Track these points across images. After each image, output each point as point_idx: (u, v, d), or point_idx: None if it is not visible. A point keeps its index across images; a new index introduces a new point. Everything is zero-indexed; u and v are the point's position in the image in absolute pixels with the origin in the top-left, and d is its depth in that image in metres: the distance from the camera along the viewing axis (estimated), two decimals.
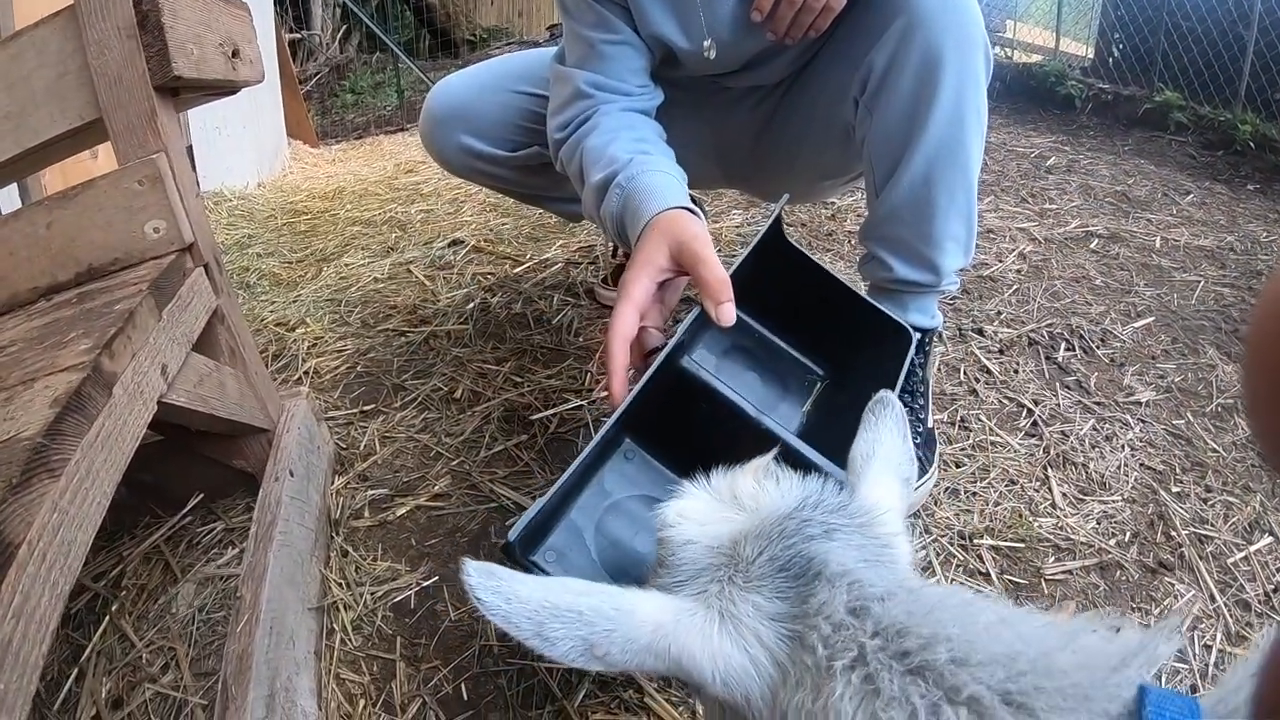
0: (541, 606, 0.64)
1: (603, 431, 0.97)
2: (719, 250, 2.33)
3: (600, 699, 1.13)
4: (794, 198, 2.14)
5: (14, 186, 2.18)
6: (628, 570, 1.06)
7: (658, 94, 1.57)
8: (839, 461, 0.97)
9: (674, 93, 1.67)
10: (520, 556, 0.92)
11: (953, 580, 1.31)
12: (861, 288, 1.51)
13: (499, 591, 0.64)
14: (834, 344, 1.31)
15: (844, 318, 1.29)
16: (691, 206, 1.24)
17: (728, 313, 1.07)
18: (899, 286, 1.54)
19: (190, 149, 3.12)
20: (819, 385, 1.31)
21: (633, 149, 1.37)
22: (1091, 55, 5.45)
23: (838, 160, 1.67)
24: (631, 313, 1.09)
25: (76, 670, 1.21)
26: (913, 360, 1.52)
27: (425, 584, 1.33)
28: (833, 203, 2.86)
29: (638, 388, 0.99)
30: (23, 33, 1.19)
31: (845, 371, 1.32)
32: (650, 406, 1.04)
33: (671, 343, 1.03)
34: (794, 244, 1.33)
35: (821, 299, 1.29)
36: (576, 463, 0.96)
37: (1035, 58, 5.71)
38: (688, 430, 1.12)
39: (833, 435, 1.02)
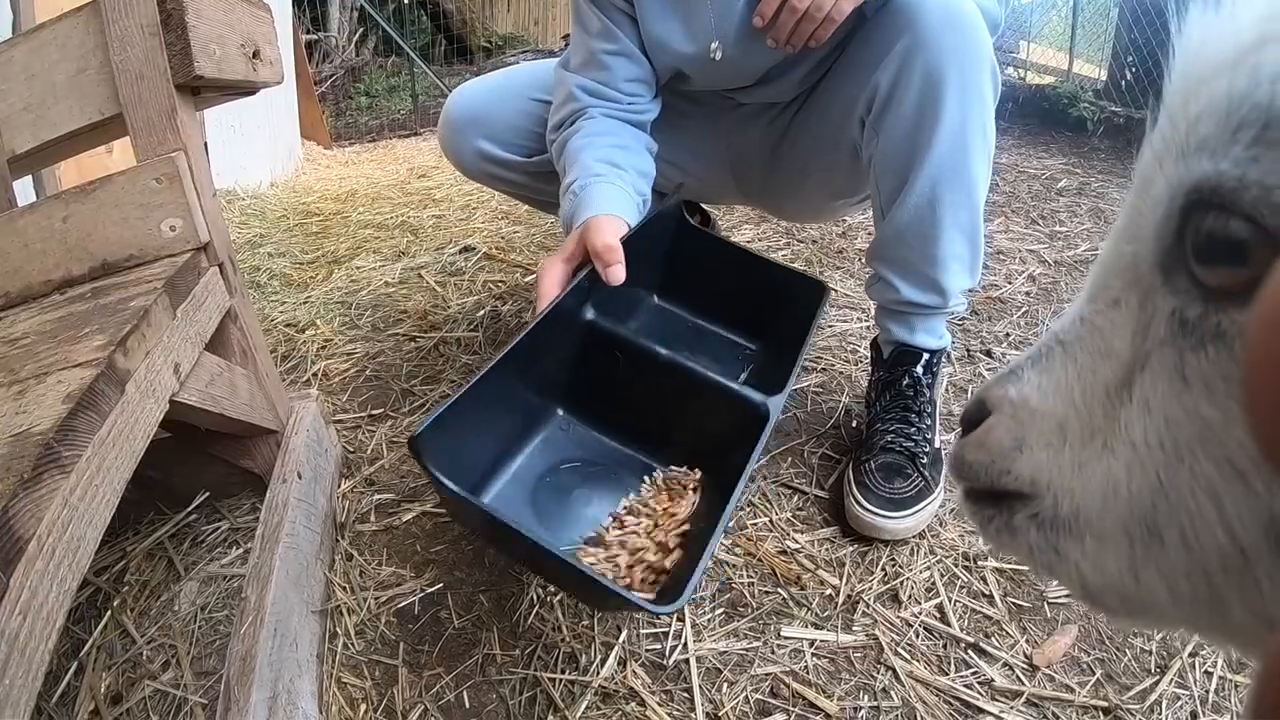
0: None
1: (529, 326, 1.10)
2: None
3: (602, 710, 1.13)
4: (807, 216, 2.15)
5: (29, 179, 2.18)
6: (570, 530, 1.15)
7: (651, 107, 1.60)
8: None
9: (691, 108, 1.68)
10: (423, 457, 0.91)
11: (955, 601, 1.31)
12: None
13: None
14: (761, 316, 1.43)
15: (763, 287, 1.42)
16: (621, 214, 1.32)
17: (615, 274, 1.21)
18: (905, 308, 1.54)
19: (205, 146, 3.14)
20: (750, 360, 1.42)
21: (603, 156, 1.44)
22: (1105, 78, 5.45)
23: (848, 180, 1.67)
24: (553, 288, 1.21)
25: (76, 664, 1.21)
26: (920, 380, 1.54)
27: (429, 590, 1.33)
28: (844, 220, 2.86)
29: (555, 299, 1.14)
30: (45, 26, 1.20)
31: (773, 337, 1.43)
32: (577, 374, 1.17)
33: (578, 278, 1.18)
34: (699, 227, 1.44)
35: (743, 276, 1.44)
36: (498, 358, 1.04)
37: (1048, 79, 5.72)
38: (616, 394, 1.21)
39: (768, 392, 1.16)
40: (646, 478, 1.24)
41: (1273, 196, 0.31)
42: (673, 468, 1.25)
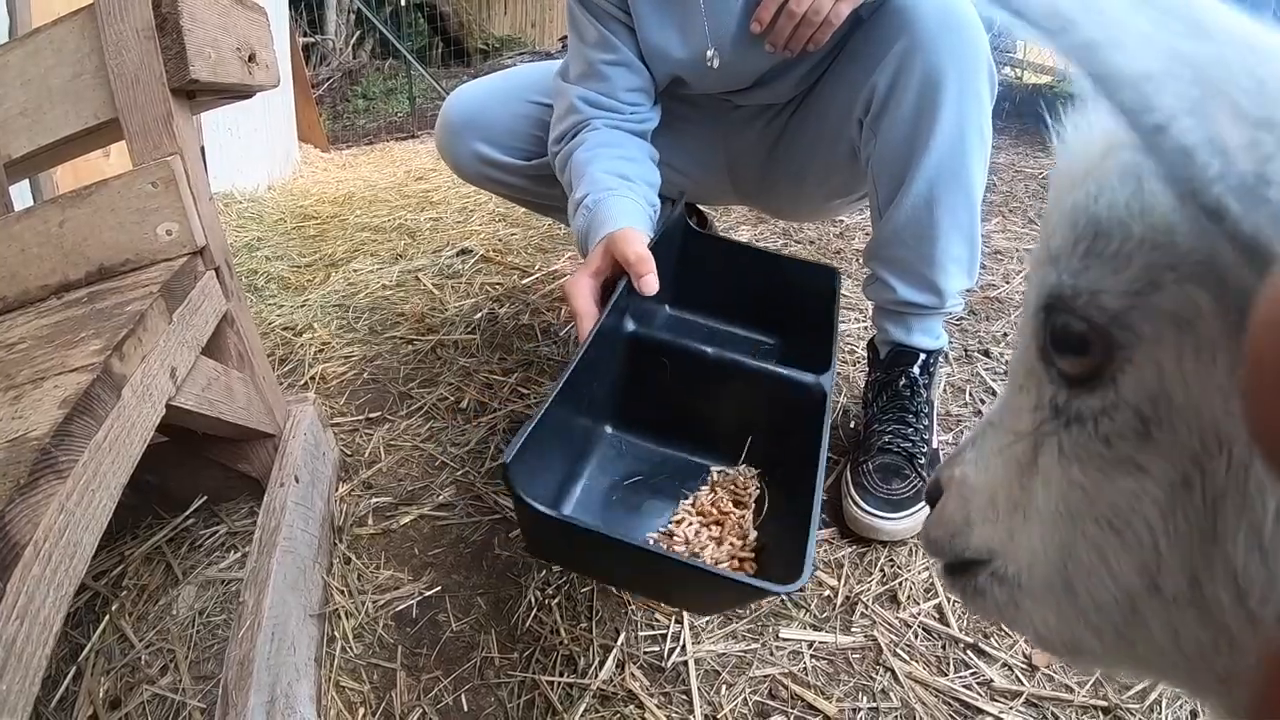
0: None
1: (582, 347, 1.09)
2: None
3: (600, 713, 1.13)
4: (804, 216, 2.15)
5: (25, 183, 2.18)
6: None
7: (652, 116, 1.61)
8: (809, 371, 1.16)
9: (687, 110, 1.68)
10: (514, 485, 0.88)
11: (954, 602, 1.31)
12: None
13: None
14: (775, 310, 1.46)
15: (774, 282, 1.45)
16: (641, 227, 1.32)
17: (649, 283, 1.21)
18: (902, 308, 1.54)
19: (202, 150, 3.13)
20: (772, 354, 1.43)
21: (612, 169, 1.44)
22: None
23: (845, 180, 1.67)
24: (588, 305, 1.22)
25: (74, 669, 1.21)
26: (917, 380, 1.54)
27: (427, 594, 1.33)
28: (841, 220, 2.86)
29: (605, 312, 1.14)
30: (41, 30, 1.20)
31: (790, 328, 1.46)
32: (622, 389, 1.17)
33: (617, 292, 1.17)
34: (704, 231, 1.47)
35: (752, 274, 1.46)
36: (562, 379, 1.03)
37: (1046, 78, 5.72)
38: (662, 402, 1.21)
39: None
40: (705, 480, 1.24)
41: (1099, 300, 0.37)
42: (727, 469, 1.25)
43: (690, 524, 1.16)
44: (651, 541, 1.13)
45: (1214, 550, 0.34)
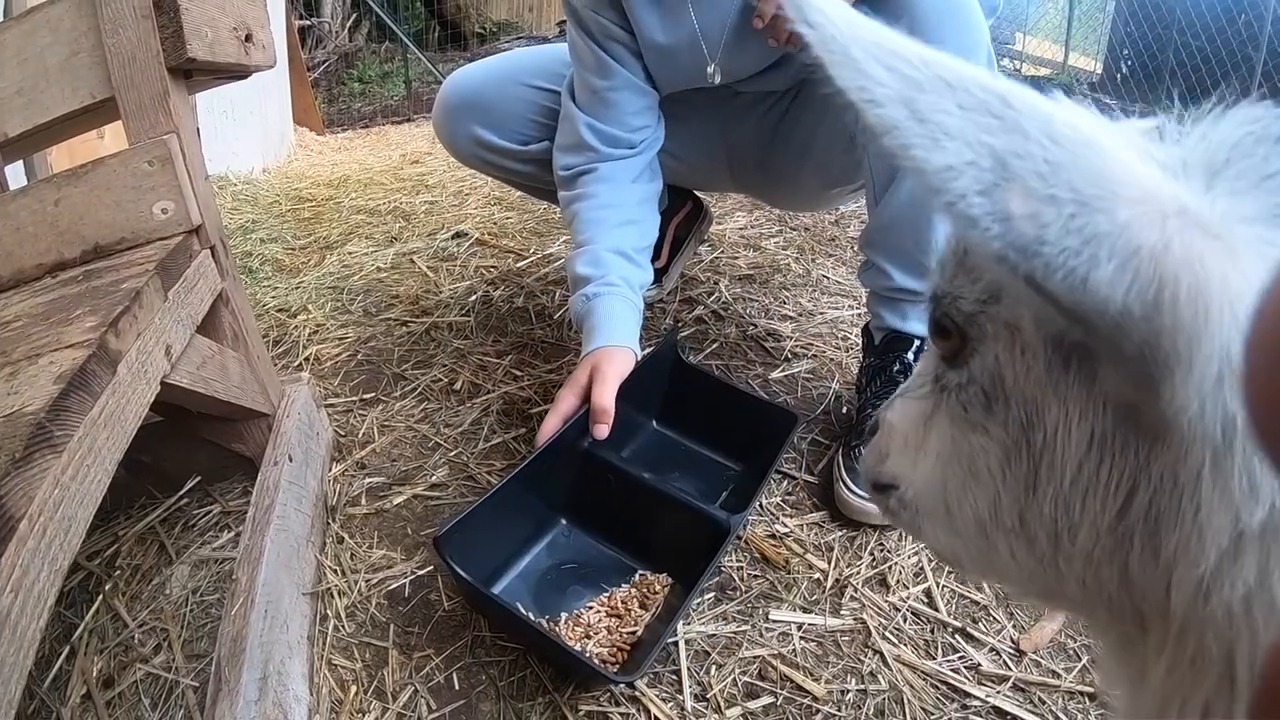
0: (923, 64, 0.44)
1: (530, 458, 1.34)
2: (721, 250, 2.34)
3: (591, 692, 1.14)
4: (802, 205, 2.15)
5: (20, 164, 2.17)
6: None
7: (658, 134, 1.66)
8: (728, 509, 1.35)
9: (689, 96, 1.68)
10: (446, 557, 1.13)
11: (943, 586, 1.32)
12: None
13: (831, 19, 0.45)
14: (743, 442, 1.59)
15: (744, 417, 1.59)
16: (628, 344, 1.46)
17: (600, 431, 1.36)
18: (898, 294, 1.55)
19: (197, 132, 3.12)
20: (733, 480, 1.57)
21: (614, 245, 1.53)
22: (1100, 71, 5.46)
23: (843, 168, 1.68)
24: (557, 423, 1.38)
25: (68, 649, 1.21)
26: (911, 366, 1.56)
27: (420, 573, 1.34)
28: (836, 208, 2.86)
29: (558, 430, 1.36)
30: (37, 9, 1.20)
31: (752, 460, 1.57)
32: (579, 491, 1.41)
33: (573, 419, 1.38)
34: (689, 361, 1.70)
35: (727, 407, 1.61)
36: (509, 477, 1.29)
37: (1043, 71, 5.72)
38: (610, 508, 1.39)
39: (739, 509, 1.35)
40: (630, 579, 1.33)
41: (958, 302, 0.49)
42: (649, 574, 1.33)
43: (597, 613, 1.26)
44: (563, 619, 1.25)
45: (1033, 500, 0.47)
